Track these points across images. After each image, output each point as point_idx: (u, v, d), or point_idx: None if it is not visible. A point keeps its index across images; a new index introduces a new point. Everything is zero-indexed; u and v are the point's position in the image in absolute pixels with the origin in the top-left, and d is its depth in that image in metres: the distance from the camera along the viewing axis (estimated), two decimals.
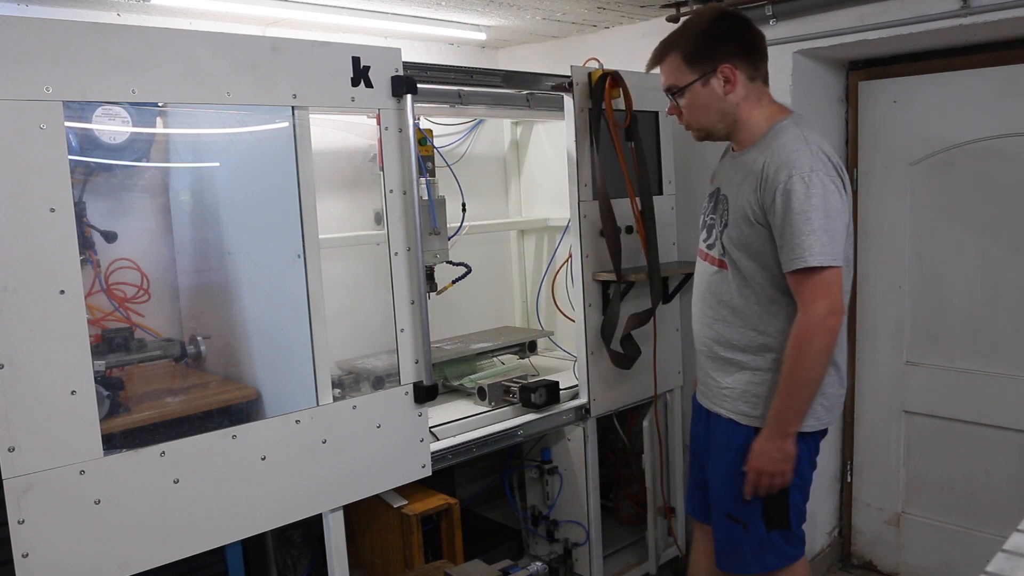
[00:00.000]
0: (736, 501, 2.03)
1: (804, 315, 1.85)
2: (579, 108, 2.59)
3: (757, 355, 1.99)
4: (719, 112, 1.98)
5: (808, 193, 1.81)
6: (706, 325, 2.09)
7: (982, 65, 2.72)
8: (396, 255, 2.16)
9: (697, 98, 1.98)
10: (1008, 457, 2.81)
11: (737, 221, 1.95)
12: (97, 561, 1.71)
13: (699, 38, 1.97)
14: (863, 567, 3.25)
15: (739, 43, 1.96)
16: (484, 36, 3.19)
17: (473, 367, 2.99)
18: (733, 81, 1.94)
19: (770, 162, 1.87)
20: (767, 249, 1.91)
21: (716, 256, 2.04)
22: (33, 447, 1.60)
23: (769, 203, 1.86)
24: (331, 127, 2.74)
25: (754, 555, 2.03)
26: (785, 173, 1.83)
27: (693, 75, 1.96)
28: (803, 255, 1.80)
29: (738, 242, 1.95)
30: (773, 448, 1.92)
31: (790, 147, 1.87)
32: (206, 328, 2.36)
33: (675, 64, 1.99)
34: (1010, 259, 2.75)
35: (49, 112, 1.59)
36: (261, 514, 1.96)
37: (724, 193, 2.03)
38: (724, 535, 2.09)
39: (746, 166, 1.96)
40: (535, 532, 3.01)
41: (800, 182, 1.81)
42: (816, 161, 1.84)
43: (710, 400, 2.12)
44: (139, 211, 2.38)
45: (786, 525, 2.01)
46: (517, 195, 3.59)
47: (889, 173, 2.98)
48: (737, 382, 2.03)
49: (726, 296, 2.02)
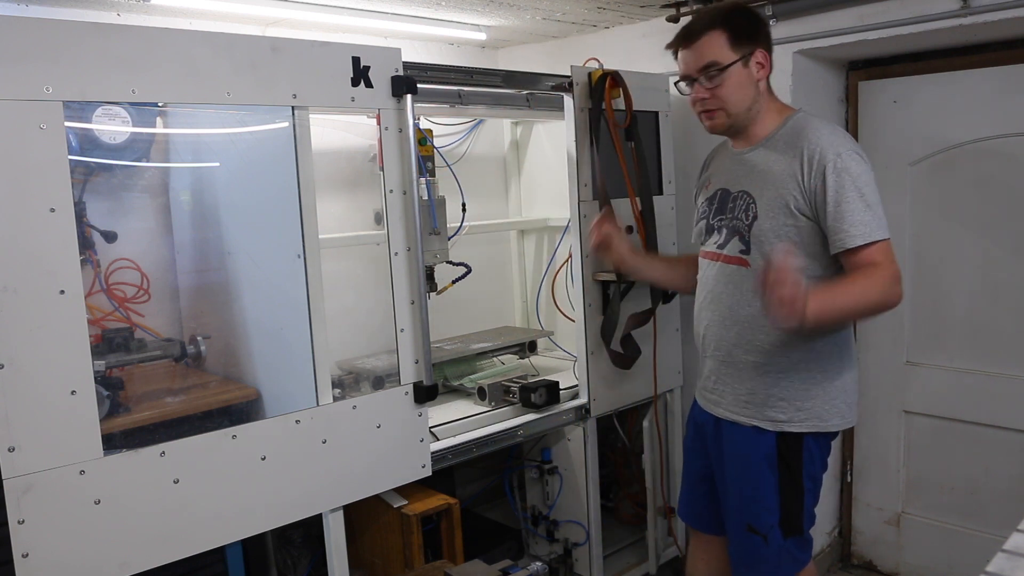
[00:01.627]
0: (756, 511, 1.99)
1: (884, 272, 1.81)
2: (579, 108, 2.59)
3: (783, 355, 1.95)
4: (752, 98, 1.96)
5: (860, 169, 1.84)
6: (723, 328, 2.03)
7: (982, 65, 2.72)
8: (396, 255, 2.16)
9: (736, 79, 1.93)
10: (1008, 457, 2.81)
11: (772, 213, 1.91)
12: (97, 561, 1.71)
13: (745, 18, 1.96)
14: (863, 567, 3.25)
15: (768, 33, 1.99)
16: (484, 36, 3.19)
17: (473, 367, 2.99)
18: (766, 67, 1.96)
19: (811, 148, 1.87)
20: (803, 241, 1.89)
21: (734, 254, 1.99)
22: (33, 447, 1.60)
23: (818, 185, 1.84)
24: (331, 127, 2.74)
25: (773, 564, 2.00)
26: (833, 153, 1.84)
27: (737, 54, 1.92)
28: (867, 231, 1.81)
29: (771, 234, 1.91)
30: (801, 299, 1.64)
31: (826, 131, 1.90)
32: (206, 328, 2.36)
33: (719, 42, 1.92)
34: (1010, 259, 2.75)
35: (49, 112, 1.59)
36: (261, 514, 1.96)
37: (739, 190, 2.00)
38: (742, 546, 2.05)
39: (767, 160, 1.94)
40: (535, 532, 3.01)
41: (851, 160, 1.83)
42: (852, 144, 1.89)
43: (725, 408, 2.06)
44: (139, 211, 2.38)
45: (800, 531, 2.00)
46: (517, 195, 3.59)
47: (889, 173, 2.98)
48: (761, 387, 1.98)
49: (748, 295, 1.96)
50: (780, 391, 1.97)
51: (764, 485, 1.98)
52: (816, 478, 2.02)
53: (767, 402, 1.98)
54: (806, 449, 1.97)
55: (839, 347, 1.98)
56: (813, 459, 1.99)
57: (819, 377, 1.96)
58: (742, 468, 2.03)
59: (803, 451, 1.97)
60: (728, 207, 2.02)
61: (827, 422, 1.97)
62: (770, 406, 1.98)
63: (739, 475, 2.04)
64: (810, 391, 1.96)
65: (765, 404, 1.98)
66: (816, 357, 1.95)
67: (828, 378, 1.96)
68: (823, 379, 1.96)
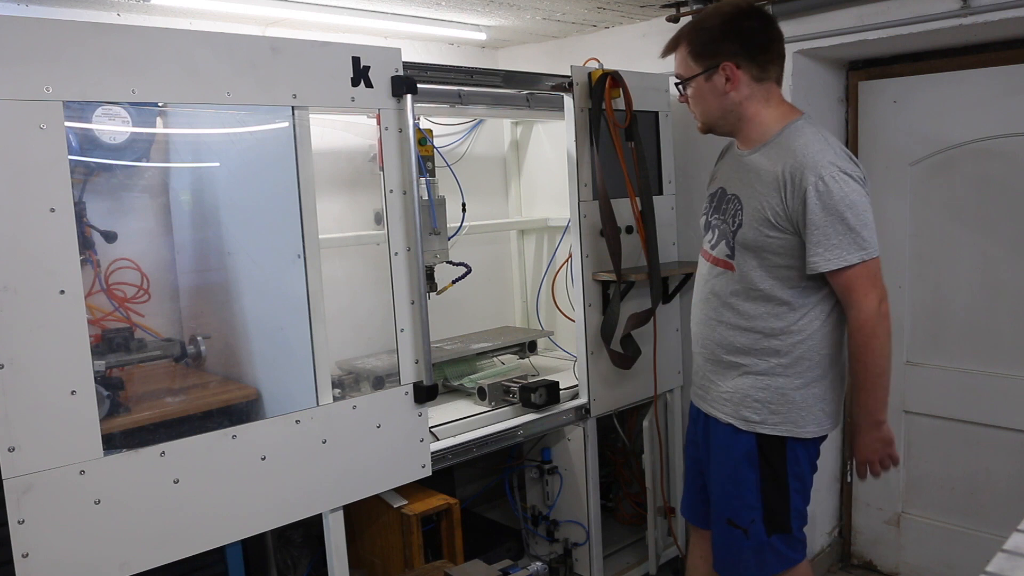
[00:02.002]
0: (737, 507, 2.02)
1: (859, 310, 1.86)
2: (579, 108, 2.59)
3: (761, 359, 1.97)
4: (720, 108, 1.99)
5: (842, 192, 1.81)
6: (708, 327, 2.07)
7: (982, 65, 2.72)
8: (396, 255, 2.16)
9: (700, 91, 2.00)
10: (1008, 457, 2.81)
11: (754, 223, 1.93)
12: (97, 561, 1.70)
13: (704, 34, 1.98)
14: (863, 567, 3.25)
15: (745, 43, 1.94)
16: (484, 36, 3.19)
17: (473, 367, 2.99)
18: (734, 80, 1.94)
19: (795, 164, 1.85)
20: (785, 252, 1.90)
21: (721, 257, 2.02)
22: (33, 447, 1.60)
23: (798, 205, 1.84)
24: (331, 127, 2.74)
25: (755, 559, 2.02)
26: (814, 174, 1.82)
27: (697, 68, 1.98)
28: (843, 255, 1.82)
29: (753, 244, 1.94)
30: (873, 440, 1.96)
31: (813, 147, 1.87)
32: (206, 328, 2.36)
33: (683, 56, 2.02)
34: (1010, 259, 2.75)
35: (49, 112, 1.59)
36: (261, 514, 1.96)
37: (732, 193, 2.01)
38: (724, 540, 2.07)
39: (759, 167, 1.94)
40: (535, 532, 3.01)
41: (832, 181, 1.81)
42: (841, 160, 1.86)
43: (708, 404, 2.10)
44: (139, 211, 2.37)
45: (787, 529, 2.00)
46: (517, 195, 3.59)
47: (889, 173, 2.98)
48: (738, 386, 2.01)
49: (731, 298, 2.00)
50: (756, 393, 1.98)
51: (744, 481, 2.00)
52: (803, 478, 2.02)
53: (743, 402, 2.00)
54: (789, 450, 1.98)
55: (820, 355, 1.97)
56: (798, 460, 1.99)
57: (797, 383, 1.96)
58: (723, 463, 2.05)
59: (786, 451, 1.98)
60: (723, 208, 2.04)
61: (802, 428, 1.97)
62: (745, 406, 2.00)
63: (721, 470, 2.07)
64: (787, 396, 1.96)
65: (741, 404, 2.00)
66: (794, 363, 1.96)
67: (806, 384, 1.96)
68: (801, 385, 1.96)
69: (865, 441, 1.97)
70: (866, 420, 1.95)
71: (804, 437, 1.97)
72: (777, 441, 1.97)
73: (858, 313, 1.87)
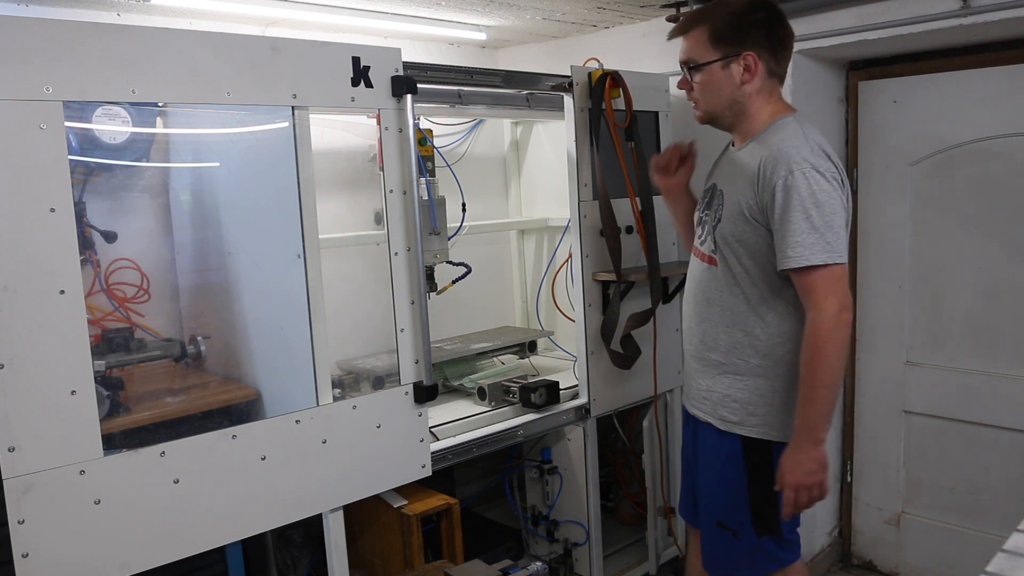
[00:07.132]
0: (726, 508, 1.99)
1: (817, 313, 1.76)
2: (579, 108, 2.59)
3: (741, 359, 1.94)
4: (730, 99, 1.92)
5: (810, 189, 1.76)
6: (694, 324, 2.04)
7: (982, 65, 2.72)
8: (396, 255, 2.16)
9: (712, 79, 1.91)
10: (1008, 457, 2.81)
11: (732, 216, 1.90)
12: (97, 561, 1.71)
13: (732, 18, 1.88)
14: (863, 567, 3.25)
15: (769, 35, 1.89)
16: (484, 36, 3.19)
17: (473, 367, 2.99)
18: (753, 71, 1.88)
19: (768, 157, 1.82)
20: (761, 247, 1.86)
21: (707, 252, 1.99)
22: (33, 447, 1.60)
23: (768, 199, 1.81)
24: (331, 127, 2.74)
25: (746, 561, 1.99)
26: (784, 168, 1.78)
27: (715, 55, 1.88)
28: (805, 253, 1.75)
29: (732, 238, 1.90)
30: (806, 459, 1.81)
31: (789, 142, 1.82)
32: (206, 328, 2.36)
33: (700, 38, 1.90)
34: (1010, 259, 2.75)
35: (49, 112, 1.59)
36: (261, 514, 1.96)
37: (720, 188, 1.98)
38: (714, 542, 2.05)
39: (743, 162, 1.91)
40: (535, 532, 3.01)
41: (801, 177, 1.76)
42: (815, 157, 1.80)
43: (692, 403, 2.08)
44: (139, 211, 2.38)
45: (777, 531, 1.96)
46: (517, 195, 3.59)
47: (889, 173, 2.98)
48: (718, 386, 1.98)
49: (715, 294, 1.97)
50: (735, 393, 1.95)
51: (732, 482, 1.97)
52: None
53: (722, 402, 1.97)
54: (774, 453, 1.92)
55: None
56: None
57: (778, 386, 1.91)
58: (711, 465, 2.03)
59: (771, 455, 1.93)
60: (711, 204, 2.00)
61: (782, 432, 1.91)
62: (723, 406, 1.97)
63: (709, 472, 2.04)
64: (766, 398, 1.92)
65: (720, 403, 1.98)
66: (774, 365, 1.91)
67: (786, 388, 1.90)
68: (781, 388, 1.91)
69: (798, 459, 1.81)
70: (805, 436, 1.81)
71: (785, 441, 1.90)
72: (761, 444, 1.94)
73: (816, 315, 1.77)
